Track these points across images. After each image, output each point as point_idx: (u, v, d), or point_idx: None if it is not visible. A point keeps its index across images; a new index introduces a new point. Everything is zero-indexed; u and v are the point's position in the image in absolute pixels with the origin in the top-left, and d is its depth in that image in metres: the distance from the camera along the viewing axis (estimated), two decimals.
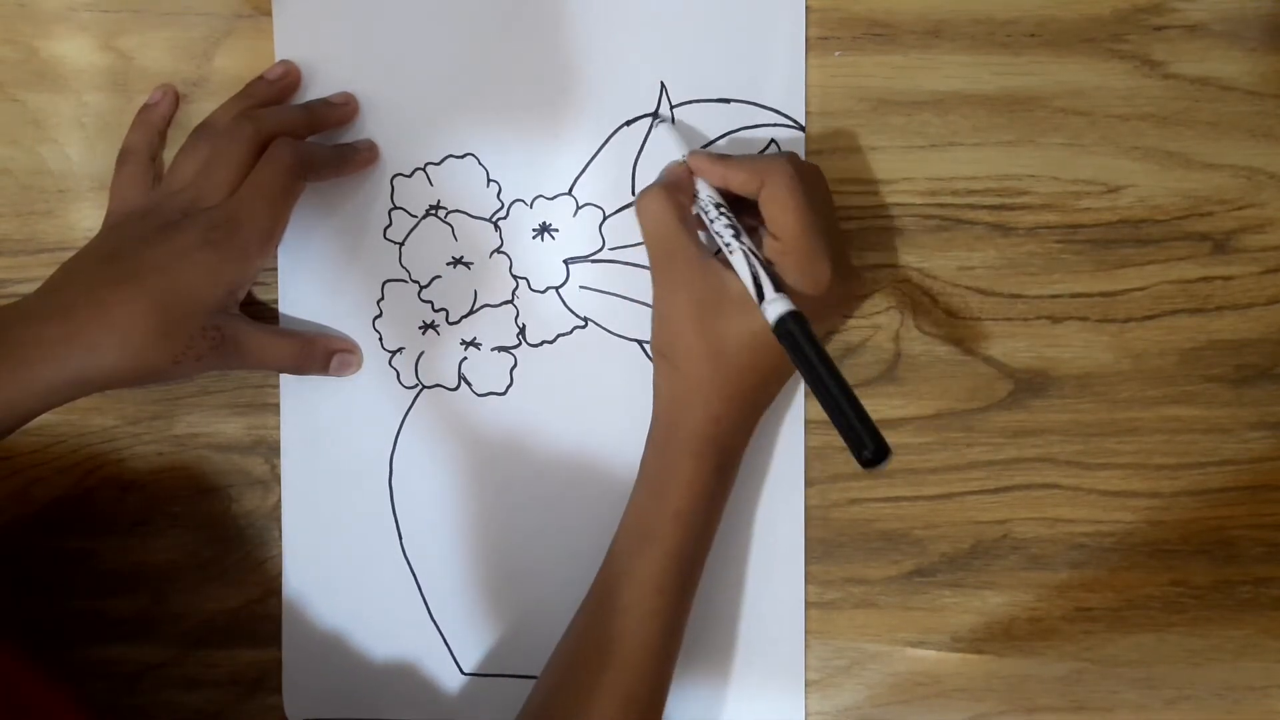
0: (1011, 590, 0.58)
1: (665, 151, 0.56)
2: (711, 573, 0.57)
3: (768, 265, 0.51)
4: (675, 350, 0.53)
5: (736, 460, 0.54)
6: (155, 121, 0.57)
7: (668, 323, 0.53)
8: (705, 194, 0.53)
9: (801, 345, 0.48)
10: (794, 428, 0.57)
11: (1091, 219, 0.57)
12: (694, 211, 0.54)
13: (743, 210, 0.53)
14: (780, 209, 0.51)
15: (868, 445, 0.45)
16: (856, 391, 0.47)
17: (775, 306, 0.49)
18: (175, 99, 0.58)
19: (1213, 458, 0.57)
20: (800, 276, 0.51)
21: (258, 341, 0.54)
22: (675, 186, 0.54)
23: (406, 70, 0.57)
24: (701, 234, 0.54)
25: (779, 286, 0.50)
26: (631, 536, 0.53)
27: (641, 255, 0.57)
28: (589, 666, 0.52)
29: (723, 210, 0.53)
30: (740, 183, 0.53)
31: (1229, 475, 0.57)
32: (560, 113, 0.57)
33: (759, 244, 0.52)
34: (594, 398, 0.57)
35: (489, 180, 0.57)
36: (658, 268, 0.54)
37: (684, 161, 0.55)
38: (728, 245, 0.51)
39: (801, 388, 0.57)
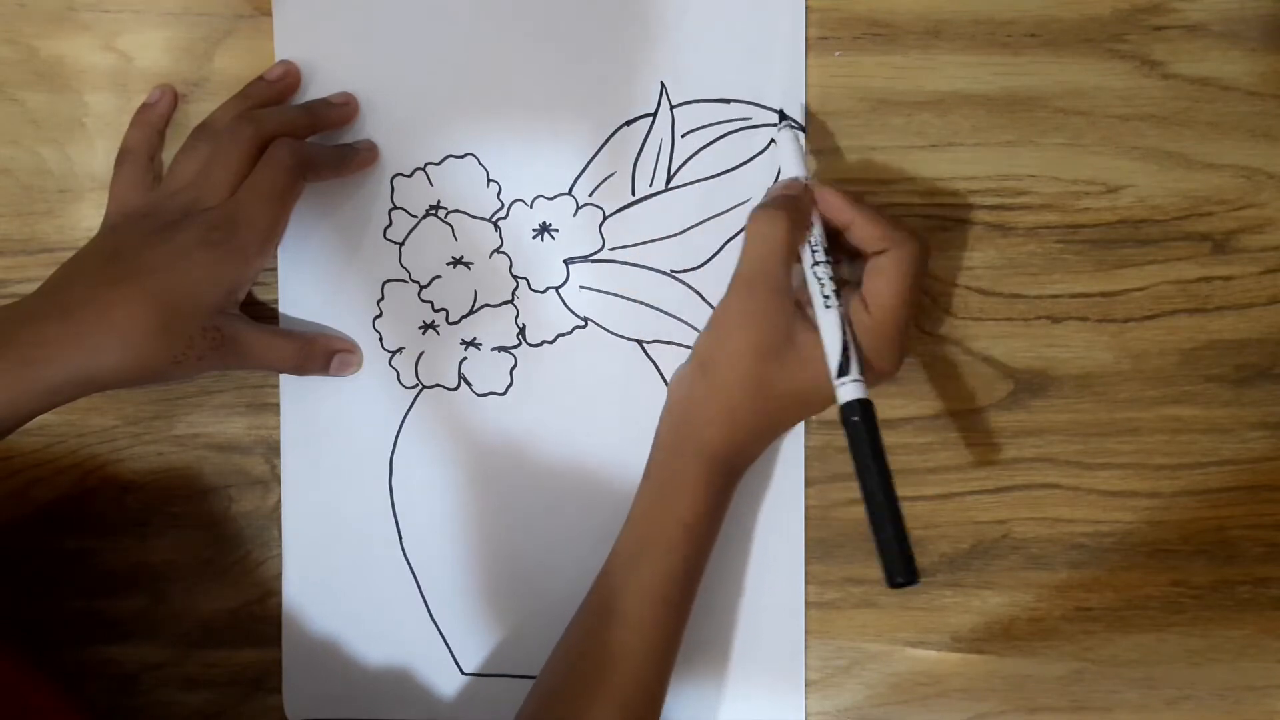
0: (1011, 590, 0.58)
1: (782, 160, 0.55)
2: (711, 573, 0.57)
3: (856, 340, 0.50)
4: (717, 364, 0.52)
5: (739, 479, 0.54)
6: (154, 121, 0.57)
7: (723, 339, 0.53)
8: (819, 236, 0.52)
9: (864, 440, 0.48)
10: (794, 428, 0.57)
11: (1091, 219, 0.57)
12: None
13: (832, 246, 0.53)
14: (891, 288, 0.51)
15: (899, 571, 0.46)
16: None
17: (851, 389, 0.49)
18: (174, 98, 0.58)
19: (1213, 458, 0.57)
20: (875, 360, 0.51)
21: (258, 342, 0.54)
22: (797, 216, 0.52)
23: (406, 70, 0.57)
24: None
25: (863, 369, 0.50)
26: (634, 545, 0.53)
27: (641, 255, 0.57)
28: (587, 673, 0.52)
29: (830, 262, 0.52)
30: (865, 238, 0.52)
31: (1229, 475, 0.57)
32: (560, 113, 0.57)
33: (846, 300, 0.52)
34: (594, 398, 0.57)
35: (489, 180, 0.57)
36: (742, 284, 0.52)
37: (806, 183, 0.53)
38: (826, 299, 0.51)
39: None
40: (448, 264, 0.58)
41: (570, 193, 0.57)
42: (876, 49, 0.56)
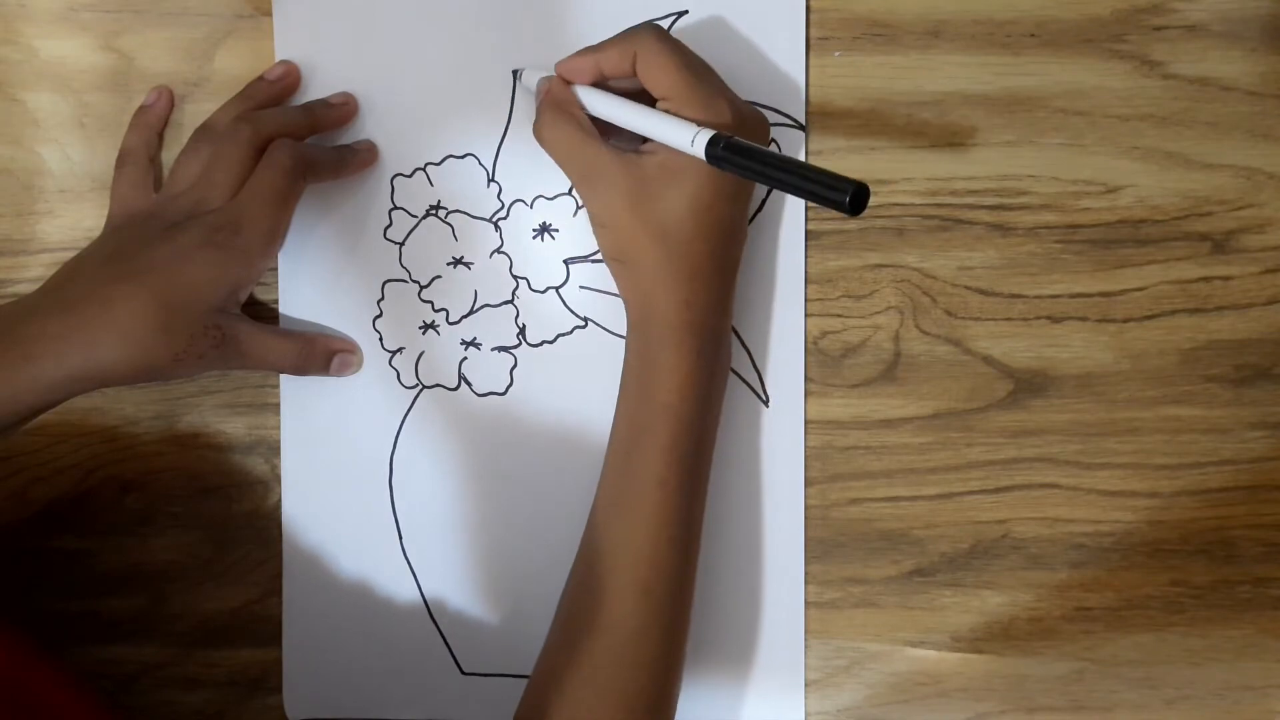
0: (1011, 590, 0.58)
1: (532, 81, 0.56)
2: (712, 573, 0.57)
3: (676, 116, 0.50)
4: (624, 250, 0.52)
5: (720, 340, 0.53)
6: (152, 122, 0.57)
7: (607, 227, 0.52)
8: (591, 95, 0.53)
9: (739, 155, 0.47)
10: (794, 428, 0.57)
11: (1091, 219, 0.57)
12: (588, 113, 0.53)
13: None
14: (660, 69, 0.51)
15: (845, 189, 0.44)
16: (861, 390, 0.46)
17: (700, 138, 0.48)
18: (171, 100, 0.58)
19: (1212, 458, 0.57)
20: (705, 116, 0.50)
21: (259, 341, 0.54)
22: (562, 104, 0.53)
23: (406, 70, 0.57)
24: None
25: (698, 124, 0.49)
26: (623, 439, 0.53)
27: None
28: (606, 562, 0.52)
29: (615, 97, 0.52)
30: (614, 62, 0.52)
31: (1229, 475, 0.57)
32: None
33: None
34: (594, 398, 0.57)
35: (489, 180, 0.57)
36: (580, 183, 0.53)
37: (551, 76, 0.54)
38: (635, 115, 0.51)
39: (802, 380, 0.57)
40: (448, 264, 0.58)
41: (570, 193, 0.57)
42: (876, 49, 0.56)
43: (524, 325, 0.58)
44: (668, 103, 0.51)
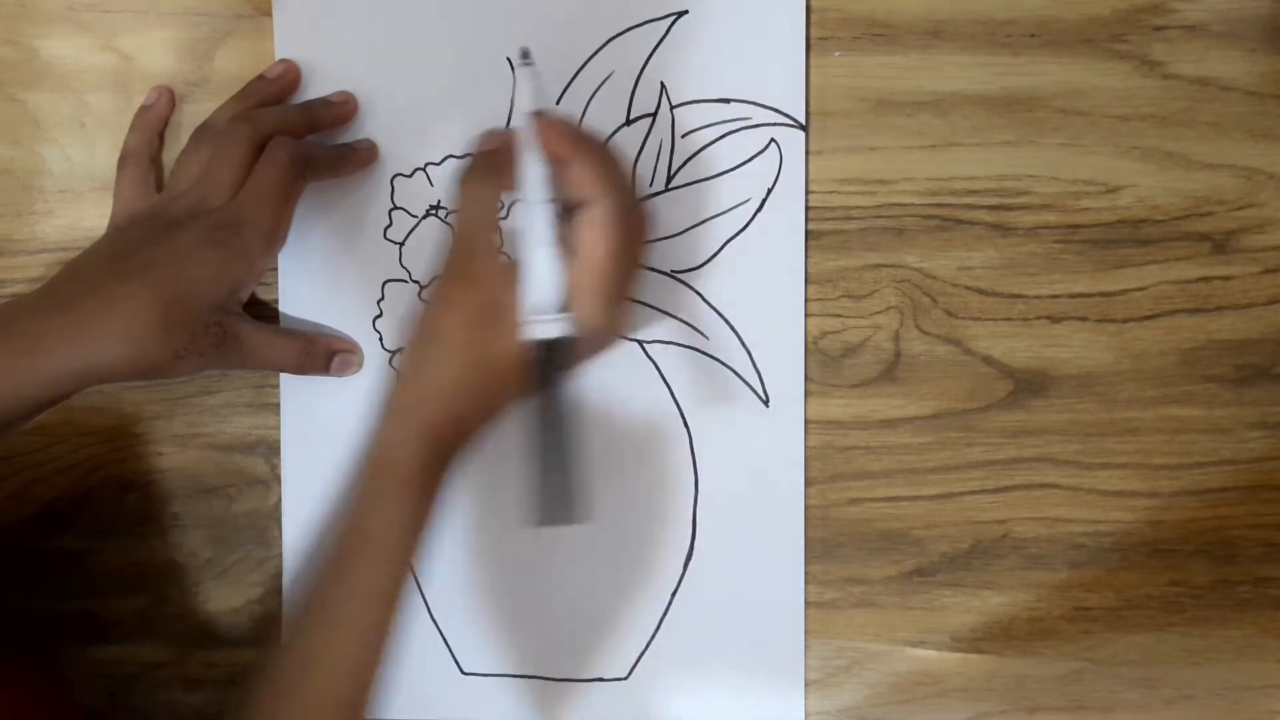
0: (1011, 590, 0.58)
1: (519, 96, 0.51)
2: (712, 572, 0.57)
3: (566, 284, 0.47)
4: (441, 333, 0.49)
5: (452, 463, 0.50)
6: (153, 123, 0.57)
7: (447, 307, 0.49)
8: (540, 176, 0.48)
9: (555, 373, 0.46)
10: (794, 428, 0.57)
11: (1091, 219, 0.57)
12: (513, 194, 0.49)
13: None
14: (601, 235, 0.47)
15: (566, 509, 0.44)
16: (861, 390, 0.46)
17: (558, 325, 0.46)
18: (171, 100, 0.58)
19: (1212, 458, 0.57)
20: (587, 313, 0.48)
21: (259, 341, 0.54)
22: (500, 171, 0.49)
23: (406, 70, 0.57)
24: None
25: (569, 309, 0.47)
26: (348, 546, 0.49)
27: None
28: (312, 672, 0.48)
29: (552, 201, 0.48)
30: (578, 180, 0.48)
31: (1229, 475, 0.57)
32: (561, 113, 0.57)
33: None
34: (594, 398, 0.57)
35: None
36: (455, 258, 0.49)
37: (512, 130, 0.50)
38: (541, 237, 0.47)
39: (802, 380, 0.57)
40: None
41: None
42: (876, 49, 0.57)
43: None
44: (577, 266, 0.47)
